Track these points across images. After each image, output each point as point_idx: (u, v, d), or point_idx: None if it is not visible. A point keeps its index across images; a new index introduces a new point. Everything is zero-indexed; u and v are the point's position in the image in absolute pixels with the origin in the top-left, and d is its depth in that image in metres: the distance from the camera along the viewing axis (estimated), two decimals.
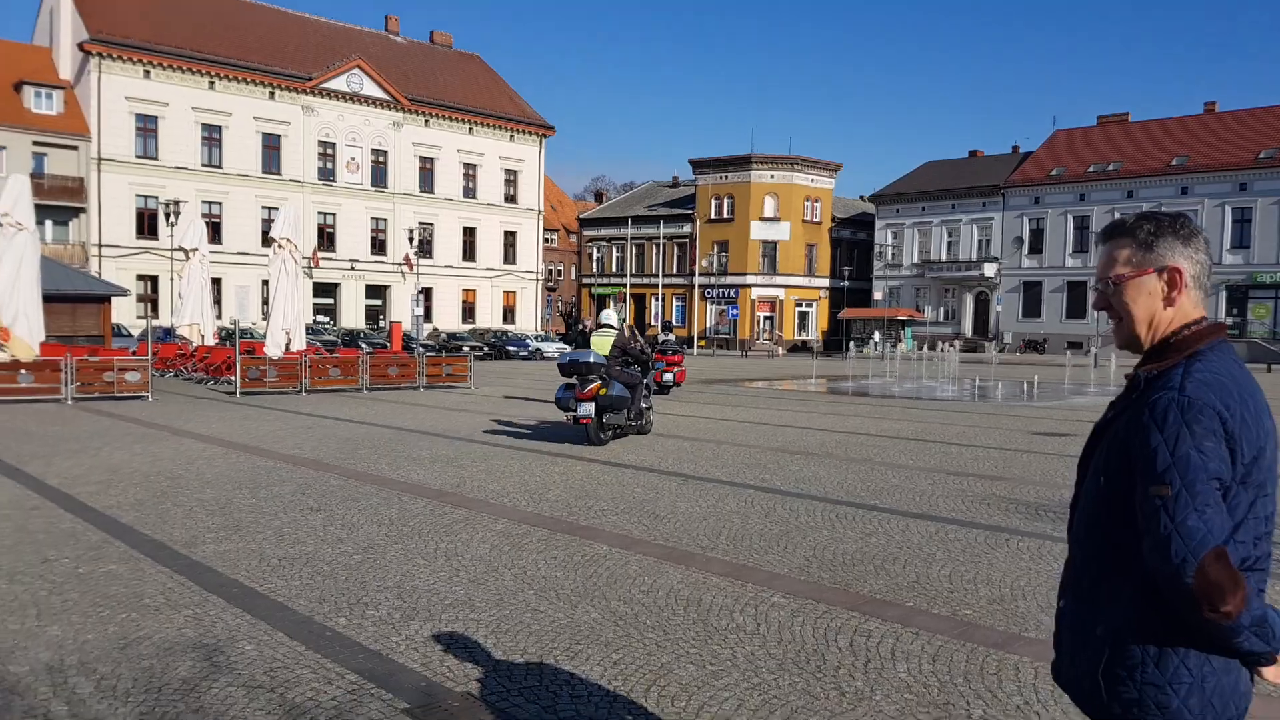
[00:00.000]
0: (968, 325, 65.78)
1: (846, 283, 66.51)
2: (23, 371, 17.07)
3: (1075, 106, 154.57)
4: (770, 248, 68.27)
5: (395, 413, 16.43)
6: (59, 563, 6.06)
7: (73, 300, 25.38)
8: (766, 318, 68.71)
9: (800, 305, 69.89)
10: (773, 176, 67.85)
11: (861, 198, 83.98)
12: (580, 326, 20.82)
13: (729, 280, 67.63)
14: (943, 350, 30.41)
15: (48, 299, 21.30)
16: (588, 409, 12.14)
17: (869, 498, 8.79)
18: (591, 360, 12.28)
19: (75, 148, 44.14)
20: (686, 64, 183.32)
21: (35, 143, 42.89)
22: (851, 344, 51.24)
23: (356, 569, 6.04)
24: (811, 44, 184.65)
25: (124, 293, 28.59)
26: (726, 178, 68.45)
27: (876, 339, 63.22)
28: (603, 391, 12.09)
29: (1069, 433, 14.58)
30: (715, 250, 68.53)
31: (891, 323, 64.23)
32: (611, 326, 13.01)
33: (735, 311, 67.04)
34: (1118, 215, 2.43)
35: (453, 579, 5.84)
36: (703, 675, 4.30)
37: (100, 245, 44.37)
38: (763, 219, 67.65)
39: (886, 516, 7.93)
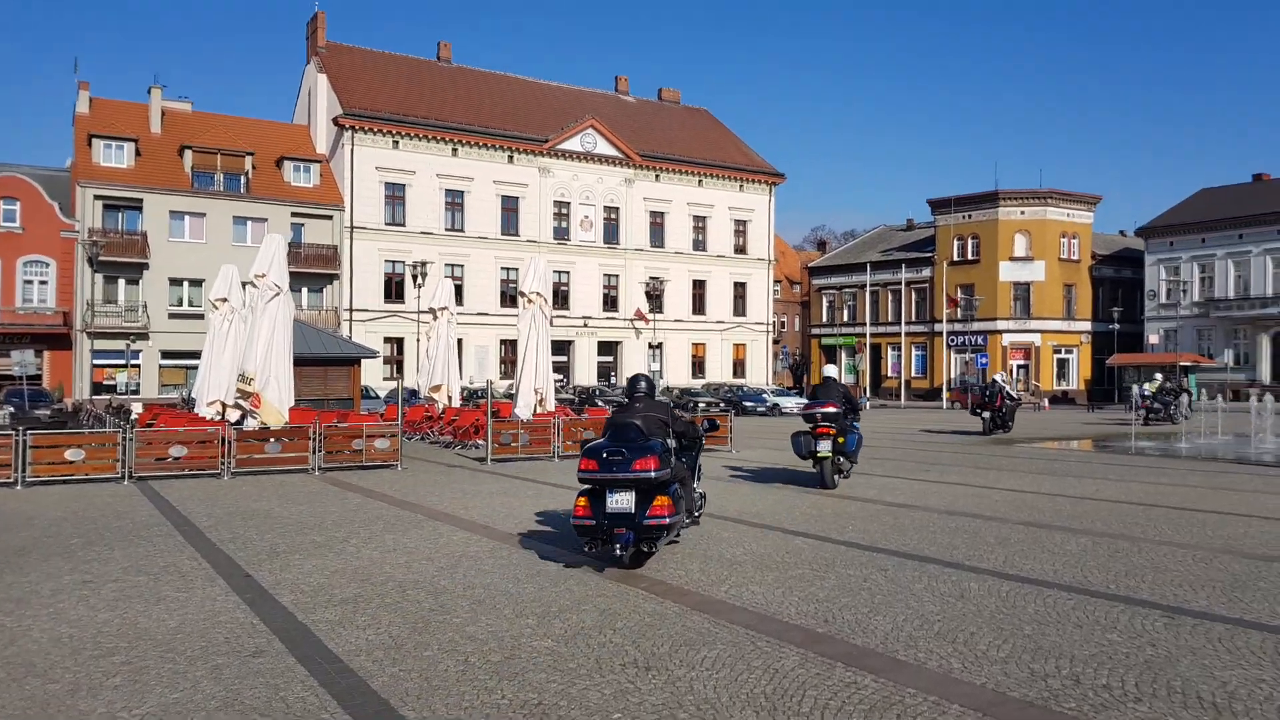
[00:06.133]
0: (1264, 371, 56.92)
1: (1116, 326, 59.29)
2: (271, 440, 15.92)
3: None
4: (1023, 289, 62.44)
5: None
6: None
7: (325, 363, 25.07)
8: (1020, 366, 62.48)
9: (1059, 351, 63.24)
10: (1023, 213, 62.24)
11: (1122, 233, 76.03)
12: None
13: (976, 326, 62.14)
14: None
15: (301, 362, 20.63)
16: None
17: None
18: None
19: (330, 217, 45.93)
20: (909, 103, 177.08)
21: (294, 213, 44.92)
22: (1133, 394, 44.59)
23: None
24: (1057, 68, 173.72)
25: (374, 355, 28.28)
26: (970, 217, 63.45)
27: (1147, 390, 55.50)
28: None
29: None
30: (959, 294, 63.37)
31: (1165, 370, 56.29)
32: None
33: (985, 360, 61.30)
34: None
35: None
36: None
37: (351, 309, 45.71)
38: (1013, 259, 62.04)
39: None
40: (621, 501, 7.44)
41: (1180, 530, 9.88)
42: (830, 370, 14.17)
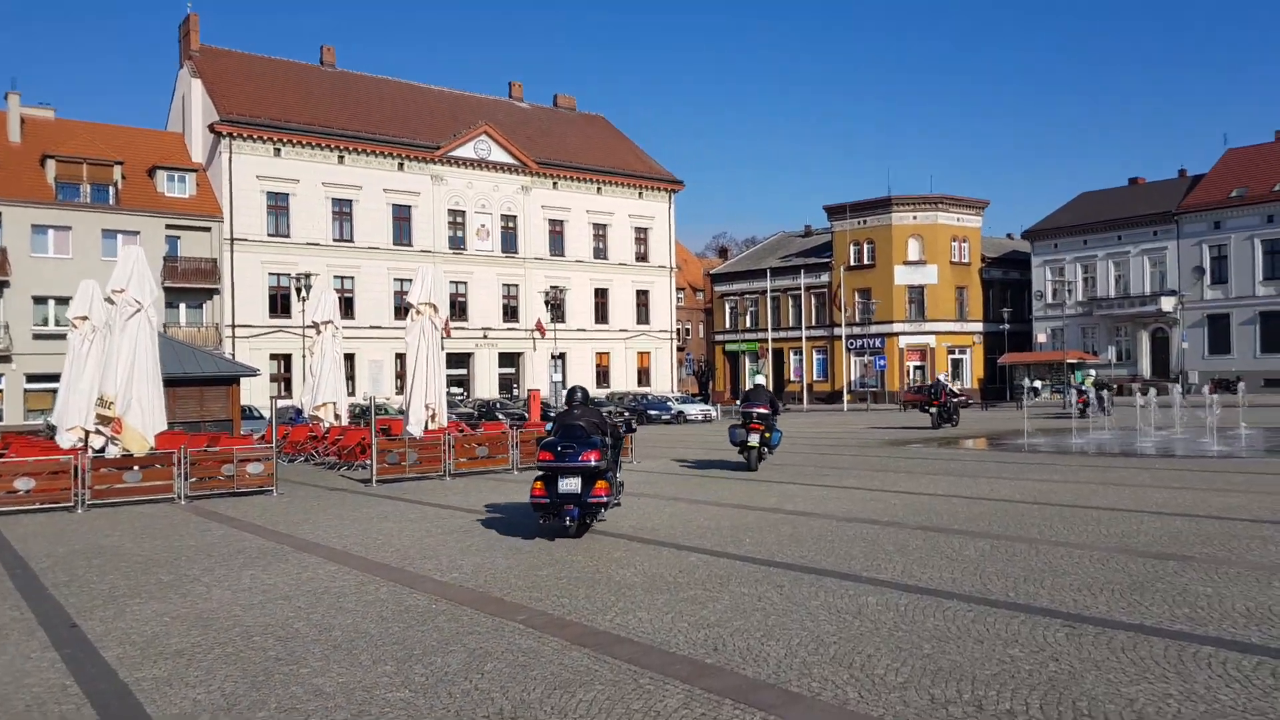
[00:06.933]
0: (1145, 365, 59.53)
1: (1007, 326, 61.15)
2: (132, 468, 14.74)
3: (1246, 124, 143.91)
4: (917, 292, 63.89)
5: None
6: None
7: (200, 383, 23.71)
8: (917, 367, 63.94)
9: (953, 352, 64.88)
10: (915, 218, 63.72)
11: (1009, 236, 78.65)
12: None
13: (874, 329, 63.24)
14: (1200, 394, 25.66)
15: (175, 382, 19.40)
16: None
17: None
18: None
19: (208, 229, 43.84)
20: (803, 111, 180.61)
21: (169, 226, 42.70)
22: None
23: None
24: (943, 75, 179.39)
25: (254, 373, 26.86)
26: (865, 222, 64.67)
27: (1039, 386, 57.48)
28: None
29: None
30: (857, 298, 64.49)
31: (1055, 367, 58.41)
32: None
33: (883, 362, 62.49)
34: None
35: None
36: None
37: (234, 326, 43.70)
38: (907, 263, 63.46)
39: None
40: (571, 485, 9.54)
41: (1075, 529, 9.77)
42: (759, 379, 18.27)
